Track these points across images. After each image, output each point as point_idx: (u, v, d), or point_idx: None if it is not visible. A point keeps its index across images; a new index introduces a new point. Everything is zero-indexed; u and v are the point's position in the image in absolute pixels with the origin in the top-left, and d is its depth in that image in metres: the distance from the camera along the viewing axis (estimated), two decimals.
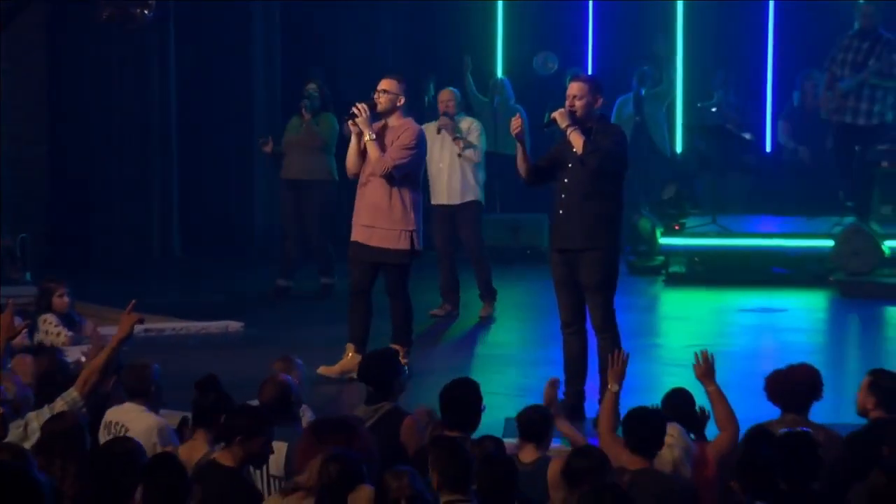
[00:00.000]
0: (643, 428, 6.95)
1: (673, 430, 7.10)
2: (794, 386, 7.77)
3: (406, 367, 8.81)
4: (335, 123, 14.28)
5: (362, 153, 10.86)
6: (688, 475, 6.95)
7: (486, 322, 13.18)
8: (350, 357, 10.86)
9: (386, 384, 7.96)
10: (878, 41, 15.03)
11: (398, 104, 10.85)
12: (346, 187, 15.09)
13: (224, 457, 6.79)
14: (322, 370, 10.81)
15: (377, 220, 10.83)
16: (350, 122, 10.86)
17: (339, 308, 13.90)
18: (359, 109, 10.71)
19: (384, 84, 10.89)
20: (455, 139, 13.12)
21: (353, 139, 10.90)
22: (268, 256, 16.96)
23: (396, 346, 10.29)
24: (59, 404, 7.22)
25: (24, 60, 16.28)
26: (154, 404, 7.69)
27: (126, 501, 6.21)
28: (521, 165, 9.89)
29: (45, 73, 16.66)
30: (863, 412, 7.60)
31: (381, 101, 10.84)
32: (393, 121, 10.86)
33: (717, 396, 7.69)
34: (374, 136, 10.65)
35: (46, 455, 6.71)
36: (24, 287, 13.16)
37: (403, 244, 10.86)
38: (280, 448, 7.03)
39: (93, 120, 16.85)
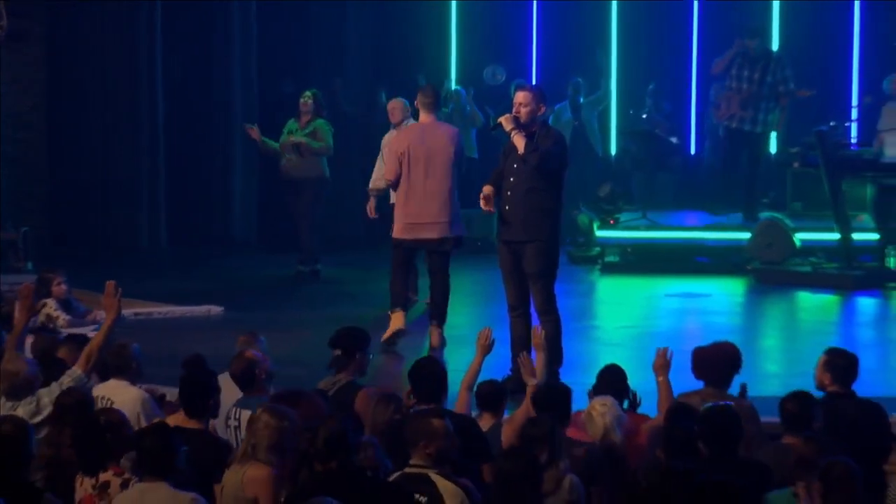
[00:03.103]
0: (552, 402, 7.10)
1: (606, 401, 7.19)
2: (715, 362, 7.76)
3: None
4: (324, 128, 14.30)
5: None
6: (618, 440, 7.01)
7: None
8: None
9: (350, 353, 7.99)
10: (771, 60, 15.26)
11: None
12: (337, 185, 15.33)
13: (185, 421, 6.92)
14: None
15: None
16: None
17: (312, 294, 13.97)
18: None
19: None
20: None
21: None
22: (246, 248, 16.97)
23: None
24: (67, 381, 7.29)
25: (24, 72, 16.22)
26: (134, 379, 7.71)
27: (110, 464, 6.30)
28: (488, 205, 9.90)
29: (43, 83, 16.60)
30: (820, 386, 7.57)
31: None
32: None
33: (665, 387, 7.80)
34: None
35: (57, 425, 6.78)
36: (25, 276, 13.15)
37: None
38: (244, 416, 7.13)
39: (87, 125, 16.79)
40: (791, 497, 6.10)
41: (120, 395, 7.47)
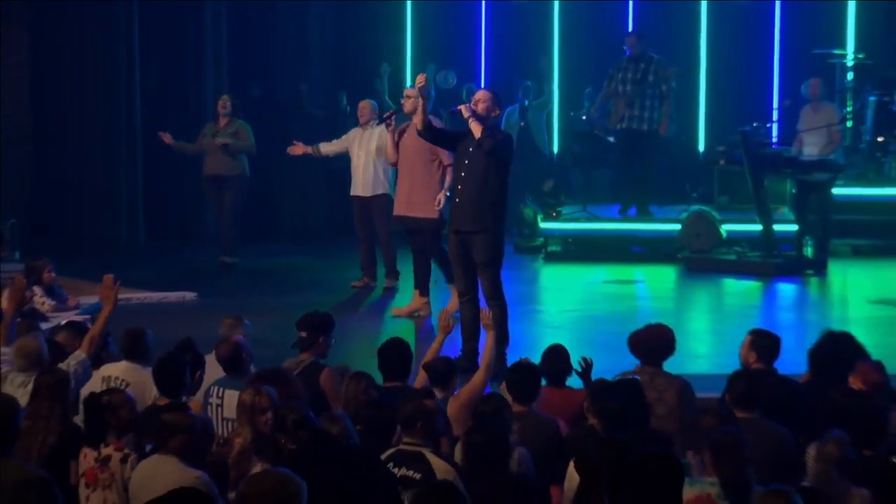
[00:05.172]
0: (524, 380, 7.22)
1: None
2: (651, 343, 7.83)
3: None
4: (246, 127, 14.54)
5: (395, 146, 11.72)
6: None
7: (392, 292, 13.20)
8: (416, 299, 11.76)
9: (314, 335, 8.07)
10: (651, 61, 15.23)
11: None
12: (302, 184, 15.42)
13: (160, 399, 7.05)
14: (394, 311, 11.89)
15: None
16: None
17: (278, 282, 14.03)
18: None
19: (407, 92, 11.79)
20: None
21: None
22: (217, 241, 16.96)
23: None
24: (72, 362, 7.48)
25: (9, 76, 16.18)
26: (146, 363, 7.80)
27: (112, 440, 6.40)
28: (419, 117, 10.05)
29: (27, 86, 16.57)
30: (745, 364, 7.62)
31: (406, 105, 11.63)
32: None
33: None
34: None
35: (37, 400, 6.88)
36: (12, 264, 13.14)
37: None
38: (232, 396, 7.13)
39: (71, 126, 16.77)
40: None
41: (135, 377, 7.58)
